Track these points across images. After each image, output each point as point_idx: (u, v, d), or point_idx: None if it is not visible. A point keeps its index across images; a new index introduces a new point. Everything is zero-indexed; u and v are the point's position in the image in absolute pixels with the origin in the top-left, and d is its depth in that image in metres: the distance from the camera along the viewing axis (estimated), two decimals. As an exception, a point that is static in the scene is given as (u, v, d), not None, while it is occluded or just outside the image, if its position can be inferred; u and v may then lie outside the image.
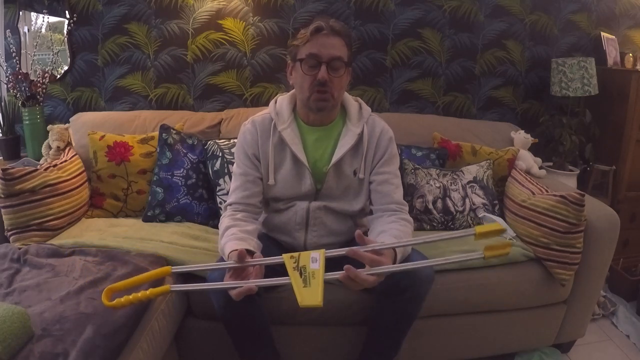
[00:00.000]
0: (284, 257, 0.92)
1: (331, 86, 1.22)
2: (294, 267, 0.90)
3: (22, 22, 2.09)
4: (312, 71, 1.21)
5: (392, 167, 1.34)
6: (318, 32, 1.20)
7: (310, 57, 1.20)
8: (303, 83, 1.24)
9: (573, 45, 2.44)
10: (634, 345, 1.78)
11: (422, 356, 1.53)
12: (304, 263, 0.90)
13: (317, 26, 1.20)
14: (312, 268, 0.90)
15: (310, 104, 1.25)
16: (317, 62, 1.20)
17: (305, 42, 1.21)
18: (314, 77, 1.20)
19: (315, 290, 0.87)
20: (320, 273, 0.89)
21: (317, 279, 0.88)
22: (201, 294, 1.35)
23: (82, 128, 1.90)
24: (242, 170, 1.31)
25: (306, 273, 0.89)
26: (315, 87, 1.21)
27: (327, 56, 1.20)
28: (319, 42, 1.20)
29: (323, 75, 1.19)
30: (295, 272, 0.89)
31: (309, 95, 1.23)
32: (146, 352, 1.10)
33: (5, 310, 0.91)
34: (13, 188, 1.43)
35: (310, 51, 1.20)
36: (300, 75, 1.24)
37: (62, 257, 1.33)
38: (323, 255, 0.91)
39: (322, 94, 1.22)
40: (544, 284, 1.52)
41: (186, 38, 2.17)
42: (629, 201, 2.23)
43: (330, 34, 1.21)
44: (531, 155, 2.02)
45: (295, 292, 0.88)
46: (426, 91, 2.37)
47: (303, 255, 0.91)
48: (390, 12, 2.26)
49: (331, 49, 1.20)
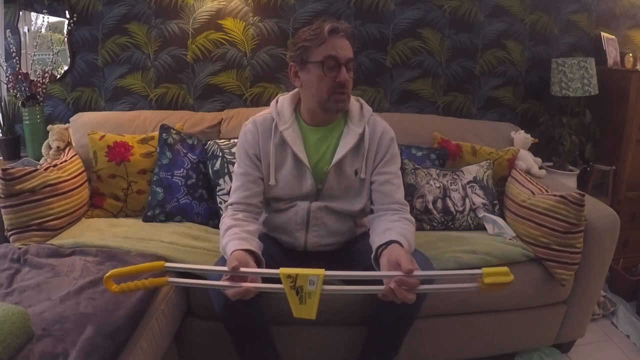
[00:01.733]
0: (280, 274, 0.90)
1: (348, 87, 1.24)
2: (290, 286, 0.90)
3: (22, 22, 2.09)
4: (331, 73, 1.21)
5: (394, 167, 1.34)
6: (335, 34, 1.20)
7: (329, 59, 1.20)
8: (321, 85, 1.22)
9: (573, 45, 2.44)
10: (634, 345, 1.78)
11: (422, 356, 1.53)
12: (301, 284, 0.89)
13: (333, 28, 1.20)
14: (309, 289, 0.89)
15: (330, 105, 1.24)
16: (336, 64, 1.20)
17: (321, 44, 1.20)
18: (333, 79, 1.20)
19: (310, 308, 0.89)
20: (316, 294, 0.89)
21: (312, 299, 0.89)
22: (201, 294, 1.35)
23: (82, 128, 1.90)
24: (243, 170, 1.31)
25: (302, 293, 0.90)
26: (336, 89, 1.21)
27: (344, 58, 1.21)
28: (336, 43, 1.20)
29: (345, 77, 1.21)
30: (292, 291, 0.90)
31: (328, 97, 1.23)
32: (146, 352, 1.10)
33: (5, 310, 0.91)
34: (13, 188, 1.42)
35: (329, 53, 1.19)
36: (316, 77, 1.22)
37: (62, 257, 1.33)
38: (322, 278, 0.89)
39: (342, 95, 1.23)
40: (544, 284, 1.52)
41: (186, 38, 2.17)
42: (629, 201, 2.23)
43: (344, 36, 1.22)
44: (531, 155, 2.02)
45: (290, 304, 0.89)
46: (426, 91, 2.37)
47: (301, 277, 0.89)
48: (390, 12, 2.26)
49: (346, 51, 1.22)
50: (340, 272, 0.95)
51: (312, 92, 1.25)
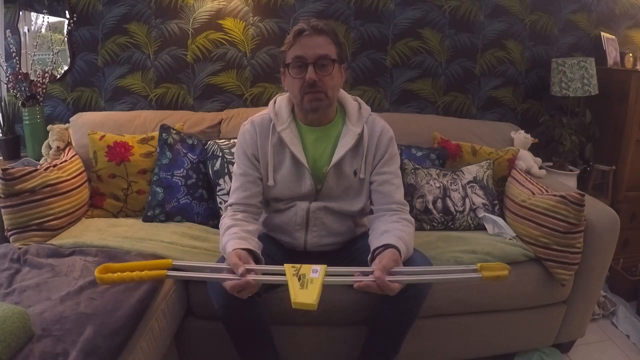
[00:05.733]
0: (285, 266, 0.93)
1: (322, 85, 1.21)
2: (293, 274, 0.91)
3: (22, 22, 2.09)
4: (300, 74, 1.21)
5: (393, 167, 1.34)
6: (300, 35, 1.20)
7: (296, 60, 1.20)
8: (293, 87, 1.24)
9: (573, 45, 2.44)
10: (634, 345, 1.78)
11: (422, 356, 1.53)
12: (304, 272, 0.91)
13: (299, 29, 1.20)
14: (312, 276, 0.90)
15: (305, 105, 1.24)
16: (303, 64, 1.20)
17: (290, 47, 1.21)
18: (303, 80, 1.20)
19: (311, 292, 0.88)
20: (319, 281, 0.90)
21: (314, 284, 0.89)
22: (201, 294, 1.35)
23: (82, 128, 1.89)
24: (242, 170, 1.31)
25: (305, 279, 0.90)
26: (306, 88, 1.21)
27: (312, 56, 1.19)
28: (302, 43, 1.20)
29: (310, 75, 1.19)
30: (294, 277, 0.90)
31: (301, 98, 1.23)
32: (146, 352, 1.10)
33: (5, 310, 0.91)
34: (13, 188, 1.42)
35: (295, 54, 1.20)
36: (289, 79, 1.24)
37: (62, 257, 1.33)
38: (324, 270, 0.92)
39: (314, 94, 1.21)
40: (544, 284, 1.52)
41: (186, 38, 2.17)
42: (629, 201, 2.23)
43: (313, 34, 1.20)
44: (531, 155, 2.02)
45: (289, 290, 0.89)
46: (426, 91, 2.37)
47: (305, 267, 0.92)
48: (390, 12, 2.26)
49: (316, 49, 1.20)
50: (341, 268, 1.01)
51: (291, 94, 1.28)
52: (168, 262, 1.01)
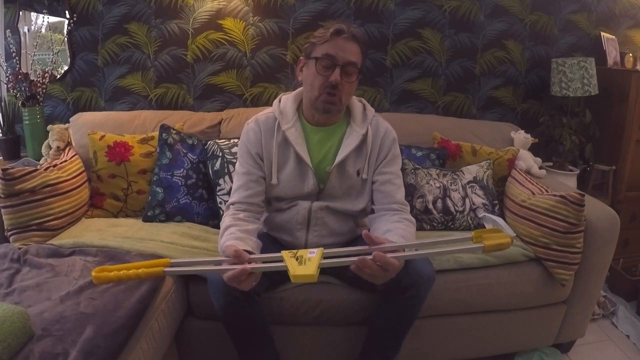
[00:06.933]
0: (282, 252, 0.95)
1: (341, 90, 1.21)
2: (291, 256, 0.93)
3: (22, 22, 2.09)
4: (325, 72, 1.21)
5: (395, 167, 1.34)
6: (338, 35, 1.20)
7: (326, 57, 1.20)
8: (314, 82, 1.23)
9: (573, 45, 2.44)
10: (634, 345, 1.78)
11: (422, 356, 1.53)
12: (302, 254, 0.93)
13: (339, 28, 1.20)
14: (309, 256, 0.92)
15: (318, 104, 1.24)
16: (332, 64, 1.20)
17: (324, 42, 1.20)
18: (326, 78, 1.20)
19: (310, 266, 0.89)
20: (316, 258, 0.91)
21: (312, 261, 0.91)
22: (201, 294, 1.35)
23: (82, 128, 1.89)
24: (245, 169, 1.31)
25: (303, 259, 0.92)
26: (326, 88, 1.21)
27: (343, 60, 1.20)
28: (337, 44, 1.20)
29: (336, 77, 1.19)
30: (292, 259, 0.92)
31: (318, 96, 1.23)
32: (146, 352, 1.10)
33: (5, 310, 0.91)
34: (13, 188, 1.42)
35: (327, 51, 1.19)
36: (312, 73, 1.23)
37: (62, 257, 1.33)
38: (321, 251, 0.94)
39: (331, 97, 1.21)
40: (544, 284, 1.52)
41: (186, 38, 2.17)
42: (629, 201, 2.23)
43: (349, 39, 1.20)
44: (531, 155, 2.02)
45: (288, 267, 0.90)
46: (426, 91, 2.37)
47: (302, 250, 0.94)
48: (390, 12, 2.26)
49: (348, 54, 1.20)
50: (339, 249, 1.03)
51: (307, 87, 1.27)
52: (166, 261, 0.99)
